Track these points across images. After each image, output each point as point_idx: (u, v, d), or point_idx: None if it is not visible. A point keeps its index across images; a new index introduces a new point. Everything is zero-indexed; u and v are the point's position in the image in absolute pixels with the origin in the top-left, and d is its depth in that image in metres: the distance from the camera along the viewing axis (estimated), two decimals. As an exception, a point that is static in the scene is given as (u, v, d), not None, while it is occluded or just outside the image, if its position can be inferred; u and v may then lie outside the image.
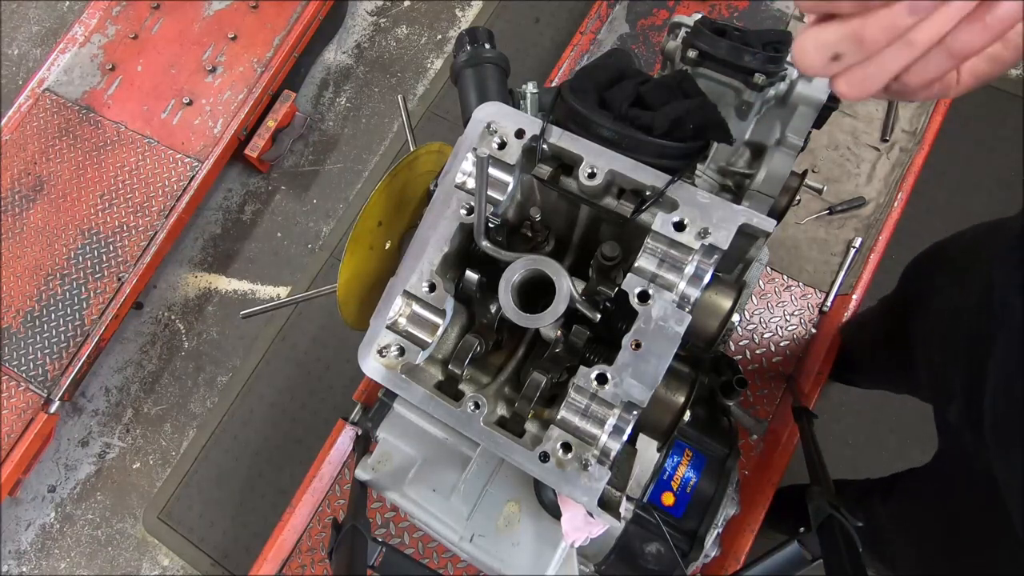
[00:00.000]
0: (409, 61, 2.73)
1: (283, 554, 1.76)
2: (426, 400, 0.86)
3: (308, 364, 2.38)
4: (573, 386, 0.81)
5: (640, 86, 0.88)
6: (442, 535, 1.03)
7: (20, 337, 2.22)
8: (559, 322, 0.87)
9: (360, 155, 2.63)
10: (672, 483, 1.12)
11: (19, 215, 2.36)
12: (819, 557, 1.07)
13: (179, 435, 2.37)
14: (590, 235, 0.97)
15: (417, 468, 1.08)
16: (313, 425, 2.28)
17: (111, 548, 2.29)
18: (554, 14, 2.66)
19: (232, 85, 2.43)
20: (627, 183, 0.85)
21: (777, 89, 1.00)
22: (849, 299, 1.75)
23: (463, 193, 0.89)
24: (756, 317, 1.81)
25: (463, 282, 0.91)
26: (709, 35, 0.96)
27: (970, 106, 2.21)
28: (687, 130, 0.84)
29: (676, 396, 0.89)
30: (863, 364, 1.71)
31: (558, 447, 0.80)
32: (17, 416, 2.12)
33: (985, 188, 2.20)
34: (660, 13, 2.16)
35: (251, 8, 2.51)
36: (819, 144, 1.91)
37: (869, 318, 1.64)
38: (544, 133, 0.86)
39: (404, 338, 0.89)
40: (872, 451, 2.06)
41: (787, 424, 1.63)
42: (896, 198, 1.82)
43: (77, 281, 2.26)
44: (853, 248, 1.81)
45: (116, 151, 2.39)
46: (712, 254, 0.80)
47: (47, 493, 2.36)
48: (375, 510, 1.73)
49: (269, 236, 2.56)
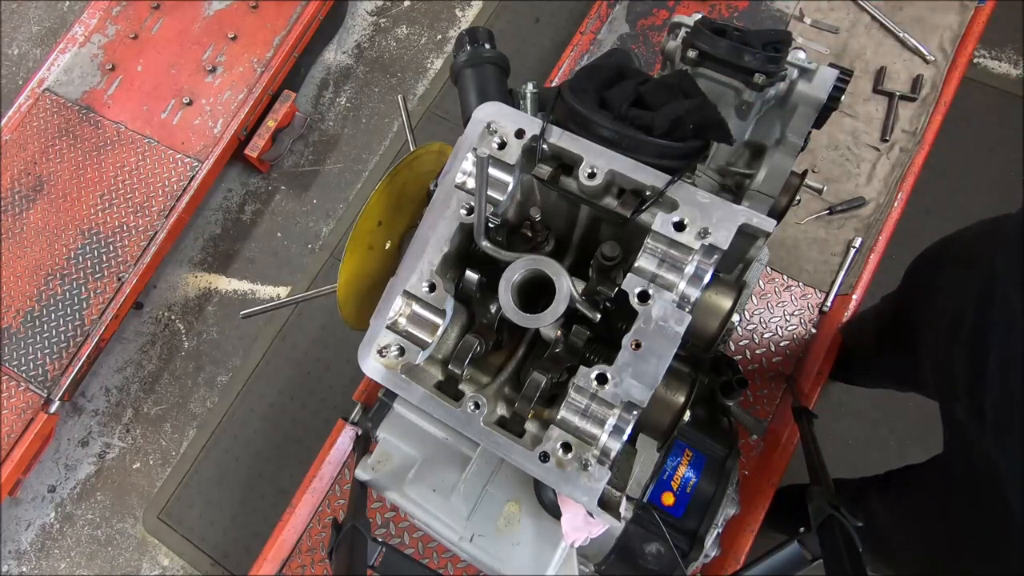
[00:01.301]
0: (409, 61, 2.73)
1: (283, 554, 1.75)
2: (426, 400, 0.86)
3: (308, 364, 2.38)
4: (573, 386, 0.81)
5: (640, 86, 0.88)
6: (442, 535, 1.03)
7: (20, 337, 2.22)
8: (559, 322, 0.87)
9: (360, 155, 2.63)
10: (672, 483, 1.12)
11: (19, 215, 2.36)
12: (819, 557, 1.07)
13: (179, 435, 2.37)
14: (590, 235, 0.97)
15: (417, 468, 1.08)
16: (313, 425, 2.28)
17: (111, 548, 2.29)
18: (554, 14, 2.66)
19: (232, 85, 2.43)
20: (627, 183, 0.85)
21: (777, 89, 1.00)
22: (849, 299, 1.75)
23: (463, 193, 0.89)
24: (756, 317, 1.81)
25: (463, 282, 0.91)
26: (709, 35, 0.96)
27: (970, 106, 2.21)
28: (687, 130, 0.84)
29: (676, 396, 0.89)
30: (866, 363, 1.70)
31: (558, 447, 0.80)
32: (17, 416, 2.12)
33: (985, 188, 2.20)
34: (660, 13, 2.16)
35: (251, 8, 2.51)
36: (819, 144, 1.91)
37: (872, 316, 1.64)
38: (544, 133, 0.86)
39: (404, 338, 0.89)
40: (872, 451, 2.06)
41: (787, 424, 1.63)
42: (896, 198, 1.82)
43: (77, 281, 2.26)
44: (853, 248, 1.81)
45: (116, 151, 2.39)
46: (712, 254, 0.80)
47: (47, 493, 2.36)
48: (375, 510, 1.73)
49: (269, 236, 2.56)
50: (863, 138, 1.91)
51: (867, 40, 1.99)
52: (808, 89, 1.01)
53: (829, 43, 2.00)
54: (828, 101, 1.01)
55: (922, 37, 1.96)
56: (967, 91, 1.99)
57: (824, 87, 1.01)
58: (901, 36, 1.96)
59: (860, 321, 1.70)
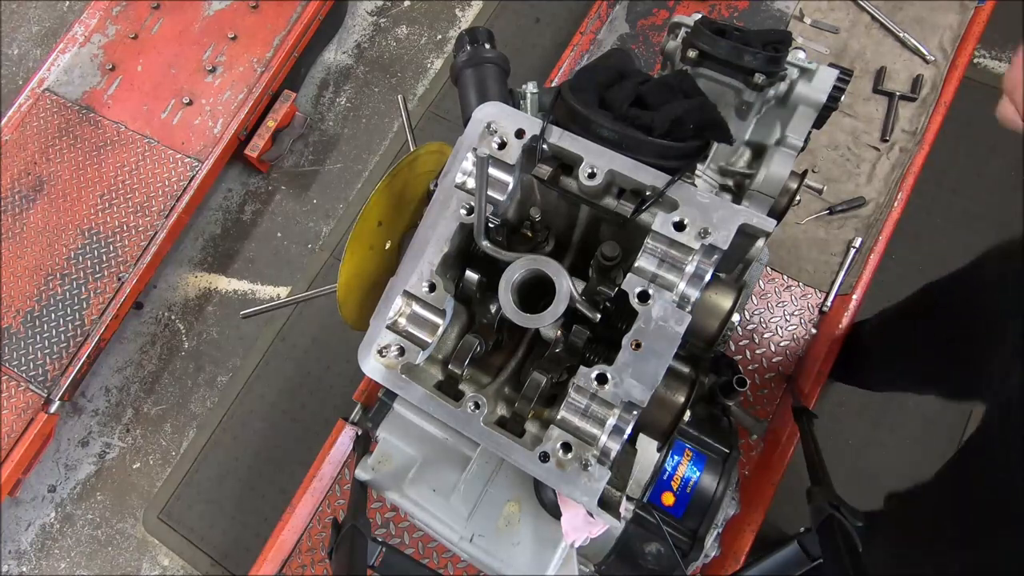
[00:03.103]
0: (409, 61, 2.73)
1: (283, 554, 1.76)
2: (426, 400, 0.86)
3: (308, 364, 2.38)
4: (573, 386, 0.81)
5: (640, 86, 0.88)
6: (442, 535, 1.03)
7: (20, 337, 2.22)
8: (559, 322, 0.87)
9: (360, 155, 2.63)
10: (672, 483, 1.12)
11: (19, 215, 2.36)
12: (819, 557, 1.07)
13: (179, 435, 2.37)
14: (590, 235, 0.97)
15: (417, 468, 1.08)
16: (313, 425, 2.28)
17: (111, 548, 2.28)
18: (554, 14, 2.66)
19: (232, 85, 2.43)
20: (627, 183, 0.85)
21: (777, 89, 1.00)
22: (849, 299, 1.74)
23: (463, 193, 0.89)
24: (756, 317, 1.81)
25: (463, 282, 0.91)
26: (709, 35, 0.96)
27: (970, 106, 2.21)
28: (687, 130, 0.84)
29: (676, 396, 0.89)
30: (889, 362, 1.65)
31: (558, 447, 0.80)
32: (17, 416, 2.12)
33: (985, 188, 2.20)
34: (660, 13, 2.16)
35: (251, 8, 2.51)
36: (819, 144, 1.91)
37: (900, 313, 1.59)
38: (544, 133, 0.86)
39: (404, 338, 0.89)
40: (872, 451, 2.06)
41: (787, 424, 1.63)
42: (896, 198, 1.82)
43: (77, 281, 2.26)
44: (853, 248, 1.81)
45: (116, 151, 2.39)
46: (712, 254, 0.80)
47: (47, 493, 2.36)
48: (375, 510, 1.73)
49: (269, 236, 2.56)
50: (863, 138, 1.91)
51: (867, 40, 1.99)
52: (808, 89, 1.01)
53: (829, 43, 2.00)
54: (828, 101, 1.01)
55: (922, 37, 1.96)
56: (967, 91, 1.99)
57: (824, 87, 1.01)
58: (901, 36, 1.96)
59: (884, 318, 1.66)
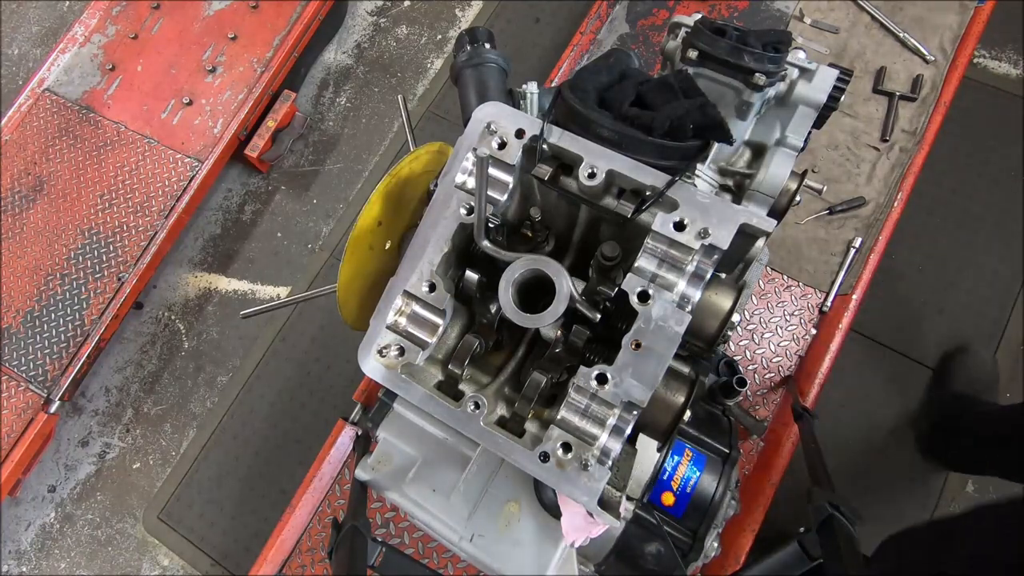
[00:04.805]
0: (409, 61, 2.73)
1: (283, 554, 1.75)
2: (426, 400, 0.86)
3: (308, 364, 2.38)
4: (573, 386, 0.81)
5: (640, 86, 0.88)
6: (442, 535, 1.03)
7: (20, 337, 2.22)
8: (559, 322, 0.87)
9: (360, 155, 2.63)
10: (672, 483, 1.12)
11: (19, 215, 2.36)
12: (819, 557, 1.07)
13: (179, 435, 2.37)
14: (590, 235, 0.97)
15: (417, 468, 1.08)
16: (313, 425, 2.28)
17: (111, 548, 2.28)
18: (554, 14, 2.66)
19: (232, 85, 2.43)
20: (627, 183, 0.85)
21: (777, 89, 1.00)
22: (849, 299, 1.75)
23: (463, 193, 0.89)
24: (756, 317, 1.81)
25: (463, 282, 0.91)
26: (709, 35, 0.96)
27: (970, 106, 2.21)
28: (687, 130, 0.84)
29: (676, 396, 0.89)
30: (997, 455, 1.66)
31: (558, 447, 0.80)
32: (17, 416, 2.12)
33: (985, 188, 2.20)
34: (660, 13, 2.16)
35: (251, 8, 2.51)
36: (819, 144, 1.91)
37: None
38: (544, 133, 0.86)
39: (404, 338, 0.89)
40: (872, 451, 2.06)
41: (787, 424, 1.63)
42: (896, 198, 1.82)
43: (77, 281, 2.26)
44: (853, 248, 1.81)
45: (116, 151, 2.39)
46: (712, 254, 0.80)
47: (47, 493, 2.36)
48: (375, 510, 1.73)
49: (269, 236, 2.56)
50: (863, 138, 1.91)
51: (867, 40, 1.99)
52: (808, 89, 1.01)
53: (829, 43, 2.00)
54: (828, 101, 1.01)
55: (922, 37, 1.96)
56: (967, 91, 1.99)
57: (824, 87, 1.01)
58: (901, 36, 1.96)
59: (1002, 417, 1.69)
